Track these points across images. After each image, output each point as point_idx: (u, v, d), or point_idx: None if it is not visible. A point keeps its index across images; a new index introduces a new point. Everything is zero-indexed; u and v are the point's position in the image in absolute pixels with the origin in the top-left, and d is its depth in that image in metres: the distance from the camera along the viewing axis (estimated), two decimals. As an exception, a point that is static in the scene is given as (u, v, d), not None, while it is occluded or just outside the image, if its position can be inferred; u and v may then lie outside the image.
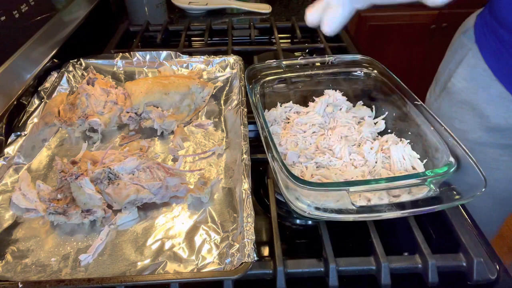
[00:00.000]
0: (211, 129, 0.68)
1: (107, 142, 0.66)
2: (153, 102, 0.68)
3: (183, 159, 0.62)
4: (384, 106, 0.63)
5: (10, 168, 0.58)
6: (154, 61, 0.81)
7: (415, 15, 1.78)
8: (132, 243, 0.49)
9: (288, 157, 0.56)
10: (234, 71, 0.79)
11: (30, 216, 0.52)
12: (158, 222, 0.51)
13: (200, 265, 0.45)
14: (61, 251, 0.48)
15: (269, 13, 1.21)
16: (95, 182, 0.53)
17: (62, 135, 0.67)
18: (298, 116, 0.65)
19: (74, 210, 0.50)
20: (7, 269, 0.45)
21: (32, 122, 0.64)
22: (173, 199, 0.54)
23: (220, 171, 0.59)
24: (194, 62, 0.81)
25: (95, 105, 0.67)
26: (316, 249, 0.48)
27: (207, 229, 0.50)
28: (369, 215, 0.44)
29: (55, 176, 0.58)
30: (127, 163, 0.55)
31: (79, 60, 0.80)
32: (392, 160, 0.55)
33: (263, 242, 0.52)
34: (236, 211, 0.52)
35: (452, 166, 0.46)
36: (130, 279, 0.42)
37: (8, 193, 0.54)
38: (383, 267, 0.44)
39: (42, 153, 0.63)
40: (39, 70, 0.75)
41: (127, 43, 0.99)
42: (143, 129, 0.68)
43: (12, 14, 0.72)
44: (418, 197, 0.46)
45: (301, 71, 0.65)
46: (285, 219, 0.55)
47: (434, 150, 0.52)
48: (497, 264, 0.46)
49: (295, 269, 0.45)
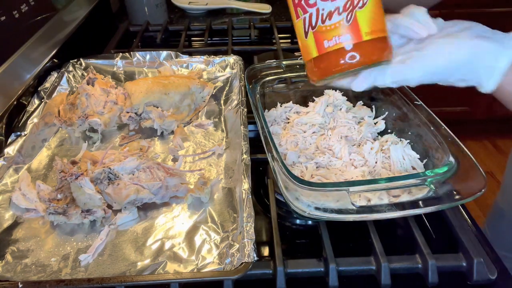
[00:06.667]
0: (211, 129, 0.68)
1: (107, 142, 0.66)
2: (153, 102, 0.68)
3: (183, 159, 0.62)
4: (384, 106, 0.63)
5: (10, 168, 0.58)
6: (154, 61, 0.81)
7: (415, 15, 1.78)
8: (132, 243, 0.49)
9: (288, 157, 0.56)
10: (234, 71, 0.79)
11: (30, 216, 0.52)
12: (158, 222, 0.51)
13: (200, 265, 0.45)
14: (61, 251, 0.48)
15: (269, 13, 1.21)
16: (95, 182, 0.53)
17: (62, 135, 0.67)
18: (298, 116, 0.64)
19: (74, 210, 0.50)
20: (7, 269, 0.45)
21: (32, 122, 0.64)
22: (173, 199, 0.54)
23: (220, 171, 0.59)
24: (194, 62, 0.81)
25: (95, 105, 0.67)
26: (316, 249, 0.48)
27: (207, 229, 0.50)
28: (369, 215, 0.44)
29: (55, 176, 0.58)
30: (127, 163, 0.55)
31: (79, 60, 0.80)
32: (392, 160, 0.55)
33: (263, 242, 0.52)
34: (236, 211, 0.52)
35: (452, 166, 0.46)
36: (130, 279, 0.42)
37: (8, 193, 0.54)
38: (383, 267, 0.44)
39: (42, 153, 0.63)
40: (39, 70, 0.75)
41: (127, 43, 0.99)
42: (143, 129, 0.68)
43: (12, 14, 0.72)
44: (418, 197, 0.46)
45: (301, 71, 0.65)
46: (285, 219, 0.55)
47: (434, 150, 0.52)
48: (497, 264, 0.46)
49: (295, 269, 0.45)
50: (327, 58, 0.41)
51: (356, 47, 0.40)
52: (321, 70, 0.42)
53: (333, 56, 0.41)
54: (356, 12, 0.39)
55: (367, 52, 0.40)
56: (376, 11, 0.40)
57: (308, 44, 0.42)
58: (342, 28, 0.39)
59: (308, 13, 0.40)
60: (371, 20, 0.40)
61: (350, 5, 0.39)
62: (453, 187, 0.45)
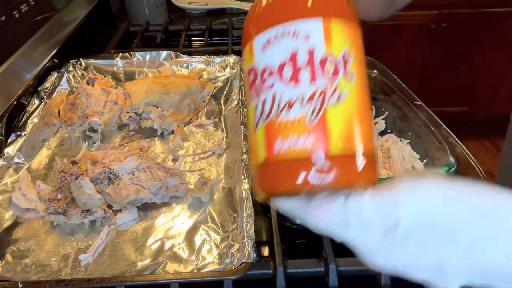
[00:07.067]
0: (211, 129, 0.68)
1: (107, 142, 0.66)
2: (153, 102, 0.68)
3: (183, 159, 0.62)
4: (384, 106, 0.63)
5: (10, 168, 0.58)
6: (154, 61, 0.81)
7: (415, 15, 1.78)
8: (132, 243, 0.49)
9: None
10: (234, 71, 0.79)
11: (30, 216, 0.52)
12: (158, 222, 0.51)
13: (200, 265, 0.45)
14: (61, 251, 0.48)
15: (269, 13, 1.20)
16: (95, 182, 0.53)
17: (62, 135, 0.67)
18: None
19: (74, 210, 0.50)
20: (7, 269, 0.45)
21: (32, 122, 0.64)
22: (173, 199, 0.54)
23: (220, 171, 0.59)
24: (194, 62, 0.81)
25: (95, 105, 0.67)
26: (316, 249, 0.48)
27: (207, 229, 0.50)
28: (369, 215, 0.44)
29: (55, 176, 0.58)
30: (127, 163, 0.55)
31: (79, 60, 0.80)
32: (392, 160, 0.55)
33: (263, 242, 0.52)
34: (236, 211, 0.52)
35: (452, 166, 0.46)
36: (130, 279, 0.42)
37: (8, 193, 0.54)
38: (383, 267, 0.44)
39: (42, 153, 0.63)
40: (39, 70, 0.75)
41: (127, 43, 0.99)
42: (143, 129, 0.68)
43: (12, 14, 0.72)
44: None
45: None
46: (285, 219, 0.55)
47: (434, 150, 0.52)
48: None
49: (295, 269, 0.45)
50: (276, 167, 0.27)
51: (318, 160, 0.26)
52: (266, 183, 0.28)
53: (284, 167, 0.27)
54: (327, 108, 0.26)
55: (335, 171, 0.26)
56: (357, 112, 0.27)
57: (257, 142, 0.28)
58: (303, 127, 0.26)
59: (262, 97, 0.28)
60: (348, 125, 0.26)
61: (320, 95, 0.26)
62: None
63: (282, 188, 0.27)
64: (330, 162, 0.26)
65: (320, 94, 0.26)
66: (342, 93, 0.26)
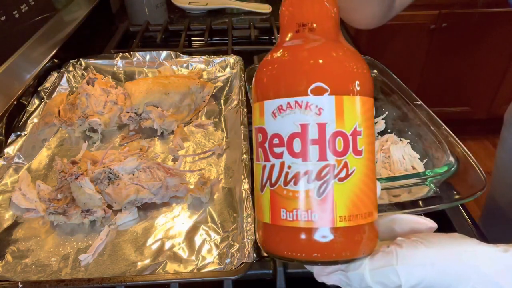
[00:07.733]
0: (211, 129, 0.68)
1: (107, 142, 0.66)
2: (153, 102, 0.68)
3: (183, 159, 0.62)
4: (384, 106, 0.63)
5: (10, 168, 0.58)
6: (154, 61, 0.81)
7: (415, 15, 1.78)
8: (132, 243, 0.49)
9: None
10: (234, 71, 0.79)
11: (30, 216, 0.52)
12: (158, 222, 0.51)
13: (200, 265, 0.45)
14: (61, 251, 0.48)
15: (269, 13, 1.20)
16: (95, 182, 0.53)
17: (62, 135, 0.67)
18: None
19: (74, 210, 0.50)
20: (7, 269, 0.45)
21: (32, 122, 0.64)
22: (173, 199, 0.54)
23: (220, 171, 0.59)
24: (194, 62, 0.81)
25: (95, 105, 0.67)
26: (316, 249, 0.48)
27: (207, 229, 0.50)
28: (369, 216, 0.44)
29: (55, 176, 0.58)
30: (127, 163, 0.55)
31: (79, 60, 0.80)
32: (392, 160, 0.55)
33: (263, 242, 0.52)
34: (236, 211, 0.52)
35: (452, 166, 0.46)
36: (130, 279, 0.42)
37: (8, 193, 0.54)
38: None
39: (42, 153, 0.63)
40: (39, 70, 0.75)
41: (127, 43, 0.99)
42: (143, 129, 0.68)
43: (12, 14, 0.72)
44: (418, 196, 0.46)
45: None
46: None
47: (434, 150, 0.52)
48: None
49: (295, 269, 0.45)
50: (281, 233, 0.29)
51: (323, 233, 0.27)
52: (270, 245, 0.30)
53: (288, 235, 0.28)
54: (334, 185, 0.27)
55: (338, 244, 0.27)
56: (363, 186, 0.28)
57: (263, 203, 0.30)
58: (309, 201, 0.27)
59: (270, 162, 0.29)
60: (353, 200, 0.28)
61: (327, 173, 0.27)
62: (453, 187, 0.45)
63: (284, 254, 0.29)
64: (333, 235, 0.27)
65: (328, 171, 0.27)
66: (350, 170, 0.28)
